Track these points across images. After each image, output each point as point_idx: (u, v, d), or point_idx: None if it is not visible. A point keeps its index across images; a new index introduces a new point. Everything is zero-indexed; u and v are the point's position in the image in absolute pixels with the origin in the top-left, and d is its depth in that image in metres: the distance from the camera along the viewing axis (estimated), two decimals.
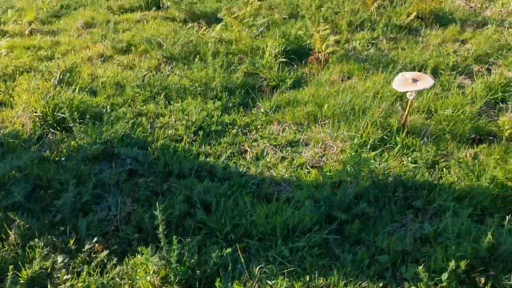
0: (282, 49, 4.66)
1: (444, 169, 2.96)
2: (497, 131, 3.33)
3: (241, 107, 3.87)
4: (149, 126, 3.59)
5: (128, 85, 4.21)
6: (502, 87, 3.90)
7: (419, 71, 4.23)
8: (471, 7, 6.11)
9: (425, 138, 3.25)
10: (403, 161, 3.07)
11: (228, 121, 3.67)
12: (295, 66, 4.58)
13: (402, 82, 3.12)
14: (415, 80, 3.09)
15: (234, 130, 3.55)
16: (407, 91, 3.11)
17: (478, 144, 3.26)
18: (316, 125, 3.56)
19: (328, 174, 2.95)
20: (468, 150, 3.14)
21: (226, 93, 4.02)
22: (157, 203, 2.33)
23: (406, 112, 3.29)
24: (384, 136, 3.26)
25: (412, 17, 5.48)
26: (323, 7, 5.81)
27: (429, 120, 3.50)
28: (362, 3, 6.01)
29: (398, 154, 3.12)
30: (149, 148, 3.30)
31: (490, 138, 3.31)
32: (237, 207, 2.72)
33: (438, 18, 5.60)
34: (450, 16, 5.64)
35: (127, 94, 4.08)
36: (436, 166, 3.00)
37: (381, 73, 4.21)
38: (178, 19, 5.94)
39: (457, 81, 4.11)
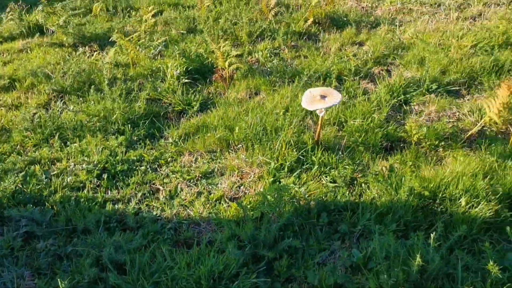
0: (184, 69, 4.42)
1: (363, 185, 2.91)
2: (406, 136, 3.38)
3: (147, 139, 3.59)
4: (44, 176, 3.18)
5: (15, 129, 3.74)
6: (403, 89, 3.99)
7: (324, 79, 4.22)
8: (362, 7, 6.29)
9: (340, 153, 3.21)
10: (322, 181, 2.99)
11: (135, 158, 3.37)
12: (200, 86, 4.37)
13: (311, 100, 3.05)
14: (323, 97, 3.03)
15: (143, 167, 3.28)
16: (317, 109, 3.03)
17: (390, 152, 3.28)
18: (230, 151, 3.39)
19: (249, 206, 2.79)
20: (383, 161, 3.14)
21: (129, 125, 3.71)
22: (59, 279, 2.01)
23: (318, 128, 3.22)
24: (300, 156, 3.16)
25: (309, 22, 5.50)
26: (220, 19, 5.64)
27: (341, 132, 3.47)
28: (259, 11, 5.94)
29: (316, 174, 3.04)
30: (46, 203, 2.93)
31: (401, 144, 3.35)
32: (155, 260, 2.46)
33: (334, 21, 5.68)
34: (345, 19, 5.75)
35: (15, 140, 3.62)
36: (355, 183, 2.95)
37: (288, 85, 4.14)
38: (66, 44, 5.44)
39: (362, 86, 4.15)
